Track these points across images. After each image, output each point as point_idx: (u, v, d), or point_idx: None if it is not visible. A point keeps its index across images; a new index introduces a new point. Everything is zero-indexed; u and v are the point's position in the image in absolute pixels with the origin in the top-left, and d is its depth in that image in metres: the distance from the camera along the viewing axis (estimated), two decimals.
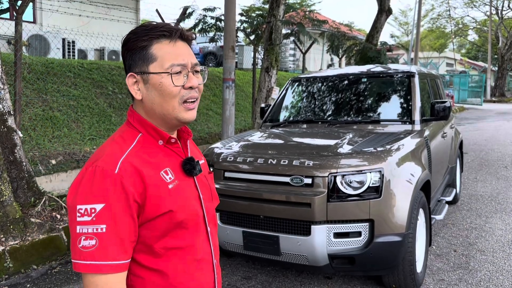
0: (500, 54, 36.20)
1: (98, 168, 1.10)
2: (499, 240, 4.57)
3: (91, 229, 1.05)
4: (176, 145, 1.25)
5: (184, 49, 1.20)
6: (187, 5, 8.64)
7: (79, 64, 8.06)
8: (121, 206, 1.08)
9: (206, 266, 1.26)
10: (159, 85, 1.16)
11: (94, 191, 1.07)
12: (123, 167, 1.11)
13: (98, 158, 1.13)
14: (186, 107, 1.19)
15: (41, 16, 11.14)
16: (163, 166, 1.19)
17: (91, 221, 1.06)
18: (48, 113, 6.51)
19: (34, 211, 4.53)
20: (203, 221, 1.26)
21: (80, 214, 1.06)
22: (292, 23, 10.47)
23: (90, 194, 1.07)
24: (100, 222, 1.06)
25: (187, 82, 1.18)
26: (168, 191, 1.16)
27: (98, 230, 1.05)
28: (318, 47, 21.06)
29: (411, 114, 4.15)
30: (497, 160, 8.97)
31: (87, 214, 1.06)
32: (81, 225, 1.06)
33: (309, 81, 4.99)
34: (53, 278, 3.83)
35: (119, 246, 1.07)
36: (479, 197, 6.22)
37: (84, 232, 1.06)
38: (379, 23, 14.69)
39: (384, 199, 3.03)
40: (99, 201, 1.06)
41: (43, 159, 5.58)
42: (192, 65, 1.20)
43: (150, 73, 1.17)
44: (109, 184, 1.08)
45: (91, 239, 1.05)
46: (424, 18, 39.18)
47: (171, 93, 1.17)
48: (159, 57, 1.17)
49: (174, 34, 1.18)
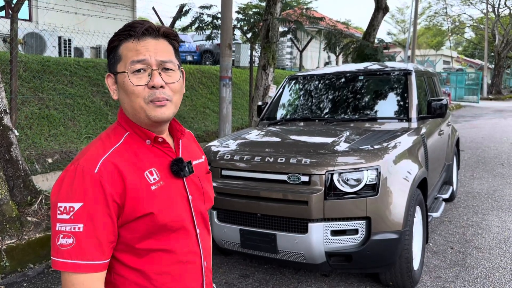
0: (496, 52, 36.29)
1: (79, 167, 1.09)
2: (495, 237, 4.58)
3: (69, 228, 1.05)
4: (166, 144, 1.22)
5: (149, 45, 1.14)
6: (183, 3, 8.61)
7: (75, 62, 8.02)
8: (100, 206, 1.07)
9: (194, 269, 1.24)
10: (122, 84, 1.14)
11: (74, 190, 1.07)
12: (103, 167, 1.09)
13: (81, 157, 1.13)
14: (155, 104, 1.14)
15: (37, 14, 11.10)
16: (148, 166, 1.16)
17: (69, 219, 1.05)
18: (44, 112, 6.49)
19: (30, 210, 4.51)
20: (191, 224, 1.23)
21: (60, 211, 1.06)
22: (289, 20, 10.46)
23: (70, 193, 1.07)
24: (78, 221, 1.05)
25: (150, 81, 1.12)
26: (151, 192, 1.14)
27: (76, 229, 1.05)
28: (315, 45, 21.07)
29: (408, 112, 4.16)
30: (494, 158, 9.00)
31: (66, 212, 1.06)
32: (60, 222, 1.06)
33: (306, 79, 4.99)
34: (50, 277, 3.82)
35: (96, 246, 1.07)
36: (476, 195, 6.24)
37: (62, 230, 1.05)
38: (376, 21, 14.69)
39: (381, 196, 3.04)
40: (77, 200, 1.06)
41: (39, 158, 5.56)
42: (159, 62, 1.13)
43: (117, 72, 1.15)
44: (88, 183, 1.07)
45: (69, 237, 1.05)
46: (421, 15, 39.23)
47: (133, 93, 1.13)
48: (124, 56, 1.14)
49: (138, 30, 1.14)
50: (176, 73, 1.17)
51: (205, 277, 1.28)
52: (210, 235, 1.35)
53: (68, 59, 8.38)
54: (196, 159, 1.33)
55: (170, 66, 1.15)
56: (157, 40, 1.15)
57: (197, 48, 16.93)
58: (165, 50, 1.16)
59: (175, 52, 1.21)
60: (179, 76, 1.18)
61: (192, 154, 1.33)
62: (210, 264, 1.33)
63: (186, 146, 1.33)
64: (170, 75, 1.16)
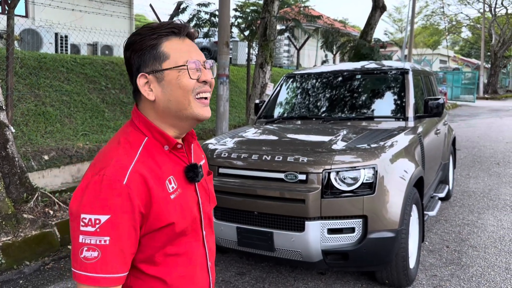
0: (493, 52, 36.40)
1: (106, 177, 1.05)
2: (491, 236, 4.61)
3: (94, 240, 1.02)
4: (181, 150, 1.21)
5: (193, 45, 1.18)
6: (181, 0, 8.59)
7: (72, 59, 7.99)
8: (126, 219, 1.05)
9: (202, 269, 1.25)
10: (176, 79, 1.14)
11: (100, 202, 1.03)
12: (132, 178, 1.06)
13: (105, 165, 1.08)
14: (202, 102, 1.16)
15: (34, 10, 11.04)
16: (167, 174, 1.15)
17: (95, 232, 1.02)
18: (40, 108, 6.46)
19: (26, 207, 4.50)
20: (198, 226, 1.24)
21: (83, 223, 1.02)
22: (286, 19, 10.46)
23: (95, 204, 1.03)
24: (104, 234, 1.02)
25: (201, 76, 1.16)
26: (171, 201, 1.13)
27: (102, 242, 1.02)
28: (313, 44, 21.07)
29: (405, 111, 4.17)
30: (490, 157, 9.04)
31: (91, 224, 1.02)
32: (84, 235, 1.02)
33: (303, 77, 4.99)
34: (46, 274, 3.82)
35: (120, 258, 1.04)
36: (472, 194, 6.26)
37: (87, 242, 1.02)
38: (373, 20, 14.71)
39: (378, 195, 3.05)
40: (104, 212, 1.02)
41: (35, 155, 5.54)
42: (203, 61, 1.18)
43: (165, 69, 1.14)
44: (116, 195, 1.04)
45: (94, 250, 1.02)
46: (418, 15, 39.29)
47: (187, 86, 1.14)
48: (172, 54, 1.14)
49: (182, 31, 1.16)
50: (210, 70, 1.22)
51: (211, 276, 1.29)
52: (214, 235, 1.35)
53: (65, 55, 8.34)
54: (200, 161, 1.33)
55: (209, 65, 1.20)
56: (190, 40, 1.20)
57: None
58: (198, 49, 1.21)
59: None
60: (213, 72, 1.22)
61: (198, 156, 1.33)
62: (214, 264, 1.34)
63: (195, 149, 1.32)
64: (211, 71, 1.20)
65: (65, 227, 4.48)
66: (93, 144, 6.29)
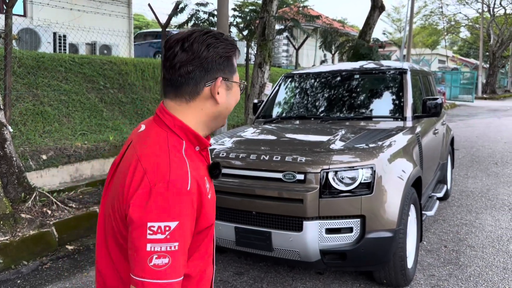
0: (491, 52, 36.44)
1: (171, 184, 1.05)
2: (488, 236, 4.61)
3: (164, 247, 1.02)
4: (206, 150, 1.26)
5: None
6: (179, 0, 8.58)
7: (70, 58, 7.98)
8: (189, 223, 1.07)
9: (211, 261, 1.31)
10: (237, 92, 1.27)
11: (169, 209, 1.04)
12: (192, 183, 1.09)
13: (164, 172, 1.07)
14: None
15: (32, 9, 11.02)
16: (203, 174, 1.18)
17: (165, 239, 1.02)
18: (38, 108, 6.45)
19: (24, 207, 4.50)
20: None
21: (152, 231, 1.02)
22: (285, 18, 10.45)
23: (164, 212, 1.03)
24: (174, 240, 1.03)
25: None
26: (209, 202, 1.17)
27: (172, 248, 1.03)
28: (311, 43, 21.07)
29: (403, 111, 4.17)
30: (488, 157, 9.05)
31: (161, 232, 1.02)
32: (152, 243, 1.02)
33: (302, 77, 4.99)
34: (44, 274, 3.81)
35: (184, 261, 1.08)
36: (470, 193, 6.27)
37: (156, 250, 1.02)
38: (371, 20, 14.71)
39: (376, 195, 3.05)
40: (174, 219, 1.03)
41: (33, 154, 5.53)
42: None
43: (235, 82, 1.25)
44: (184, 201, 1.06)
45: (164, 257, 1.02)
46: (417, 15, 39.30)
47: (237, 100, 1.28)
48: (235, 70, 1.26)
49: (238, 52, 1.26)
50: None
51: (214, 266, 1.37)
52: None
53: (63, 55, 8.33)
54: None
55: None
56: None
57: None
58: None
59: None
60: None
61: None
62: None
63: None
64: None
65: (63, 227, 4.48)
66: (91, 144, 6.28)
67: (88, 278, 3.74)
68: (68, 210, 4.79)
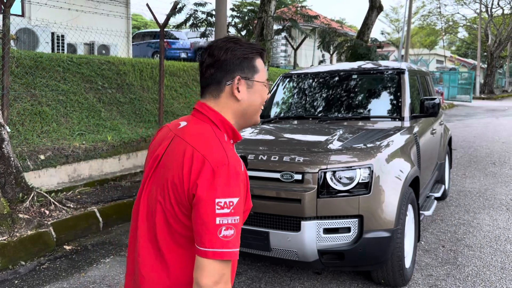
0: (489, 52, 36.51)
1: (231, 166, 1.24)
2: (486, 235, 4.62)
3: (230, 220, 1.19)
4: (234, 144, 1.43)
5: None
6: (177, 0, 8.58)
7: (68, 58, 7.96)
8: (244, 200, 1.26)
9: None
10: (261, 91, 1.41)
11: (232, 187, 1.21)
12: (243, 165, 1.30)
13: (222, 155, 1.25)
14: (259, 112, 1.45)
15: (30, 9, 11.00)
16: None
17: (230, 213, 1.19)
18: (36, 108, 6.44)
19: (22, 207, 4.49)
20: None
21: (219, 207, 1.19)
22: (283, 19, 10.46)
23: (228, 189, 1.21)
24: (236, 213, 1.21)
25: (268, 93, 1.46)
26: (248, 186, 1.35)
27: (235, 221, 1.20)
28: (310, 43, 21.08)
29: (401, 111, 4.18)
30: (486, 157, 9.07)
31: (227, 206, 1.19)
32: (221, 216, 1.18)
33: (300, 77, 5.00)
34: (41, 274, 3.81)
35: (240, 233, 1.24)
36: (468, 193, 6.28)
37: (224, 223, 1.18)
38: (370, 20, 14.73)
39: (373, 195, 3.05)
40: (236, 195, 1.21)
41: (31, 154, 5.52)
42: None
43: (256, 81, 1.39)
44: (241, 180, 1.25)
45: (231, 229, 1.19)
46: (415, 15, 39.37)
47: (264, 99, 1.42)
48: (260, 70, 1.40)
49: (265, 55, 1.43)
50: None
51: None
52: None
53: (61, 55, 8.31)
54: None
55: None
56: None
57: (191, 45, 16.86)
58: None
59: None
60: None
61: None
62: None
63: None
64: None
65: (61, 227, 4.47)
66: (89, 144, 6.28)
67: (86, 279, 3.73)
68: (66, 210, 4.79)
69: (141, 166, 6.91)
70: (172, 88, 9.72)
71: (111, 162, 6.42)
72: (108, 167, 6.38)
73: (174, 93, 9.65)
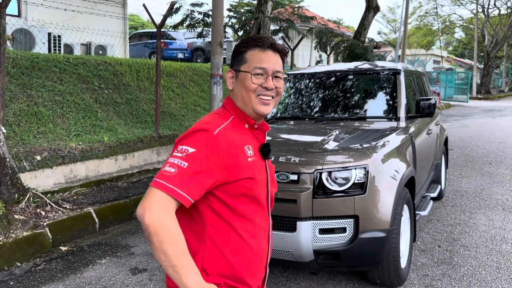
0: (486, 52, 36.62)
1: (202, 128, 1.41)
2: (482, 235, 4.64)
3: (177, 161, 1.34)
4: (257, 131, 1.55)
5: (271, 57, 1.50)
6: (174, 0, 8.57)
7: (65, 58, 7.95)
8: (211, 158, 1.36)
9: (265, 236, 1.55)
10: (243, 80, 1.49)
11: (194, 140, 1.38)
12: (221, 133, 1.41)
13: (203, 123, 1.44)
14: (262, 100, 1.49)
15: (26, 9, 10.97)
16: (247, 142, 1.48)
17: (181, 157, 1.35)
18: (33, 109, 6.43)
19: (18, 208, 4.48)
20: (266, 201, 1.54)
21: (177, 150, 1.38)
22: (280, 19, 10.47)
23: (189, 140, 1.38)
24: (186, 160, 1.34)
25: (265, 83, 1.48)
26: (249, 163, 1.45)
27: (181, 164, 1.33)
28: (307, 44, 21.10)
29: (397, 111, 4.19)
30: (482, 157, 9.09)
31: (181, 151, 1.36)
32: (173, 157, 1.36)
33: (296, 77, 5.00)
34: (37, 276, 3.80)
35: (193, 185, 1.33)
36: (464, 193, 6.30)
37: (171, 161, 1.35)
38: (366, 20, 14.75)
39: (369, 195, 3.06)
40: (193, 147, 1.36)
41: (27, 155, 5.51)
42: (274, 72, 1.50)
43: (240, 71, 1.50)
44: (207, 139, 1.37)
45: (173, 167, 1.33)
46: (412, 15, 39.46)
47: (250, 88, 1.48)
48: (249, 60, 1.50)
49: (264, 44, 1.50)
50: (282, 81, 1.54)
51: (270, 244, 1.61)
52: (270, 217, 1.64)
53: (58, 55, 8.29)
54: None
55: (280, 75, 1.53)
56: (275, 54, 1.52)
57: (188, 46, 16.86)
58: (279, 62, 1.53)
59: (282, 65, 1.57)
60: (283, 83, 1.55)
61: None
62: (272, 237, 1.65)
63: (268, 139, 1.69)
64: (279, 81, 1.53)
65: (57, 228, 4.46)
66: (85, 145, 6.27)
67: (82, 280, 3.73)
68: (62, 211, 4.78)
69: (137, 166, 6.90)
70: (169, 88, 9.71)
71: (107, 162, 6.41)
72: (105, 167, 6.37)
73: (171, 93, 9.64)
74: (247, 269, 1.48)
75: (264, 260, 1.57)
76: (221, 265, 1.44)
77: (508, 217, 5.22)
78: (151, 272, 3.86)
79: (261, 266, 1.56)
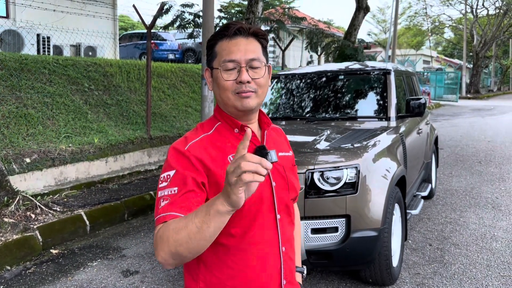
0: (475, 52, 36.99)
1: (172, 147, 1.29)
2: (472, 233, 4.68)
3: (167, 192, 1.22)
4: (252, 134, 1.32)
5: (241, 45, 1.27)
6: (164, 1, 8.54)
7: (54, 60, 7.88)
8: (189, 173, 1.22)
9: (272, 254, 1.31)
10: (216, 78, 1.30)
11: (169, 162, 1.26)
12: (193, 147, 1.27)
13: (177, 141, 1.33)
14: (240, 96, 1.27)
15: (15, 11, 10.87)
16: (233, 151, 1.28)
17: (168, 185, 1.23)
18: (22, 111, 6.36)
19: (7, 211, 4.43)
20: (271, 209, 1.31)
21: (161, 181, 1.25)
22: (271, 20, 10.48)
23: (166, 166, 1.27)
24: (174, 185, 1.22)
25: (238, 77, 1.26)
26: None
27: (172, 192, 1.21)
28: (298, 44, 21.14)
29: (387, 111, 4.21)
30: (472, 156, 9.17)
31: (165, 179, 1.24)
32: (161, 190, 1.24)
33: (288, 78, 5.01)
34: (27, 279, 3.76)
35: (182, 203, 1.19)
36: (454, 192, 6.35)
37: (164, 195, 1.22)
38: (357, 21, 14.82)
39: (360, 194, 3.07)
40: (171, 169, 1.24)
41: (17, 158, 5.45)
42: (247, 61, 1.27)
43: (213, 68, 1.31)
44: (179, 157, 1.25)
45: (166, 200, 1.20)
46: (402, 16, 39.71)
47: (223, 86, 1.28)
48: (218, 53, 1.29)
49: (230, 30, 1.28)
50: (261, 69, 1.30)
51: (283, 262, 1.33)
52: (293, 224, 1.42)
53: (47, 57, 8.22)
54: (282, 152, 1.44)
55: (257, 64, 1.28)
56: (247, 39, 1.29)
57: (179, 47, 16.81)
58: (254, 49, 1.29)
59: (263, 50, 1.33)
60: (264, 71, 1.31)
61: (279, 147, 1.44)
62: (292, 251, 1.39)
63: (273, 138, 1.45)
64: (256, 71, 1.29)
65: (47, 231, 4.42)
66: (76, 147, 6.22)
67: (73, 283, 3.69)
68: (52, 213, 4.74)
69: (128, 168, 6.86)
70: (160, 89, 9.67)
71: (98, 164, 6.36)
72: (95, 169, 6.33)
73: (162, 94, 9.60)
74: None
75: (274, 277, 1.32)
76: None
77: (498, 215, 5.27)
78: (143, 274, 3.84)
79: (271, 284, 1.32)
